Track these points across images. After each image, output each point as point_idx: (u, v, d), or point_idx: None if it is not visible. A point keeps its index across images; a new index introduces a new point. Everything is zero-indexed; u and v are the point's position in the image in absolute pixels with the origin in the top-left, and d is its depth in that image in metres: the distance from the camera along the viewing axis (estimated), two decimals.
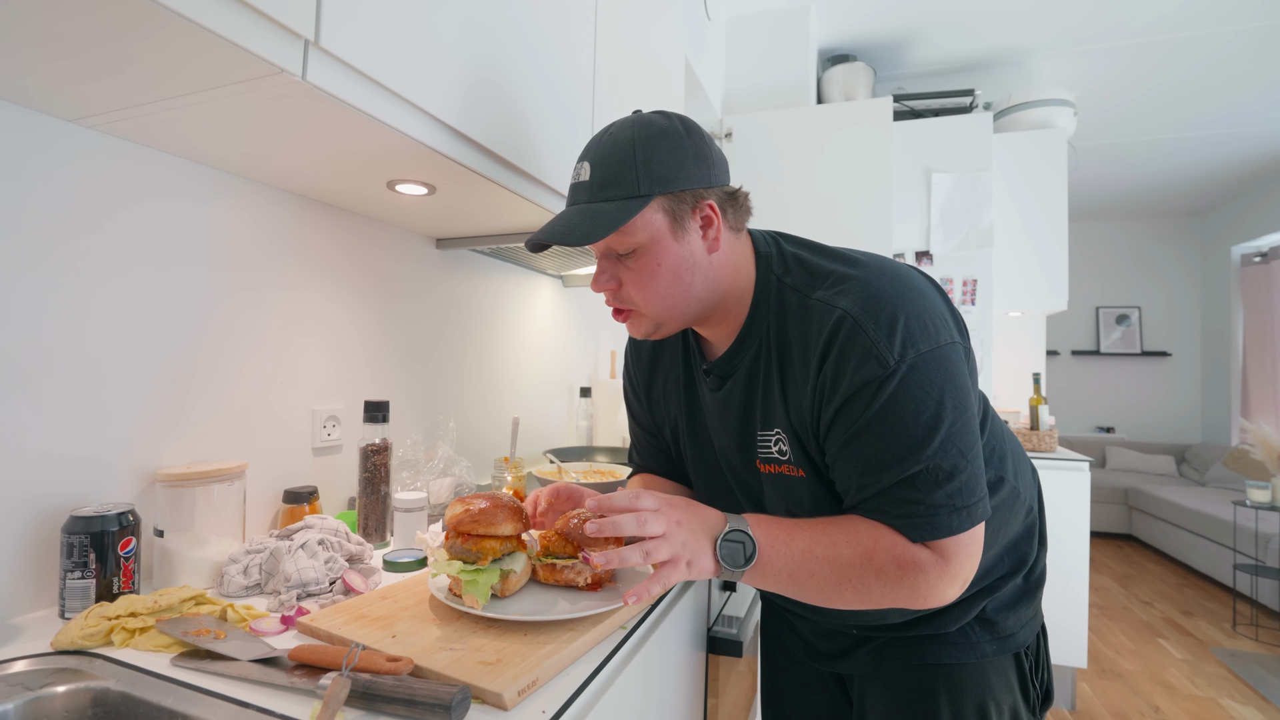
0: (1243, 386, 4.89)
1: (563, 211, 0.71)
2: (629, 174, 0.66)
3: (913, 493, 0.62)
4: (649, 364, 0.93)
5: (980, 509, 0.64)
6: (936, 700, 0.77)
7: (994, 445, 0.78)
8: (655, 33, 1.51)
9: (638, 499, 0.64)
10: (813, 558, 0.64)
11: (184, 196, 0.83)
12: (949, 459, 0.62)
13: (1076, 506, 2.37)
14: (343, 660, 0.52)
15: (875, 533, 0.64)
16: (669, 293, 0.70)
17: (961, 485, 0.62)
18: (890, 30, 2.79)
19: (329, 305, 1.07)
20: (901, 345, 0.62)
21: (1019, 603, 0.80)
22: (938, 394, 0.62)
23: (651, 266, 0.69)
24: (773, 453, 0.73)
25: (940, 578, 0.63)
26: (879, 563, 0.63)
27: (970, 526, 0.63)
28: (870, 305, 0.64)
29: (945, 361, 0.63)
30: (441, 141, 0.79)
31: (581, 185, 0.69)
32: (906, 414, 0.62)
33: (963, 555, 0.64)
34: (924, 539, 0.63)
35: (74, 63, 0.57)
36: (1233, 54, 2.86)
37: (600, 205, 0.67)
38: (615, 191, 0.66)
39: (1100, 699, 2.46)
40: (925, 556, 0.63)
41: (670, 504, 0.65)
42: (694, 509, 0.66)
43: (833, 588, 0.64)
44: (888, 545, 0.63)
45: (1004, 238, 2.75)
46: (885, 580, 0.63)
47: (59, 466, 0.71)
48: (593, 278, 0.74)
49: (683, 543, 0.62)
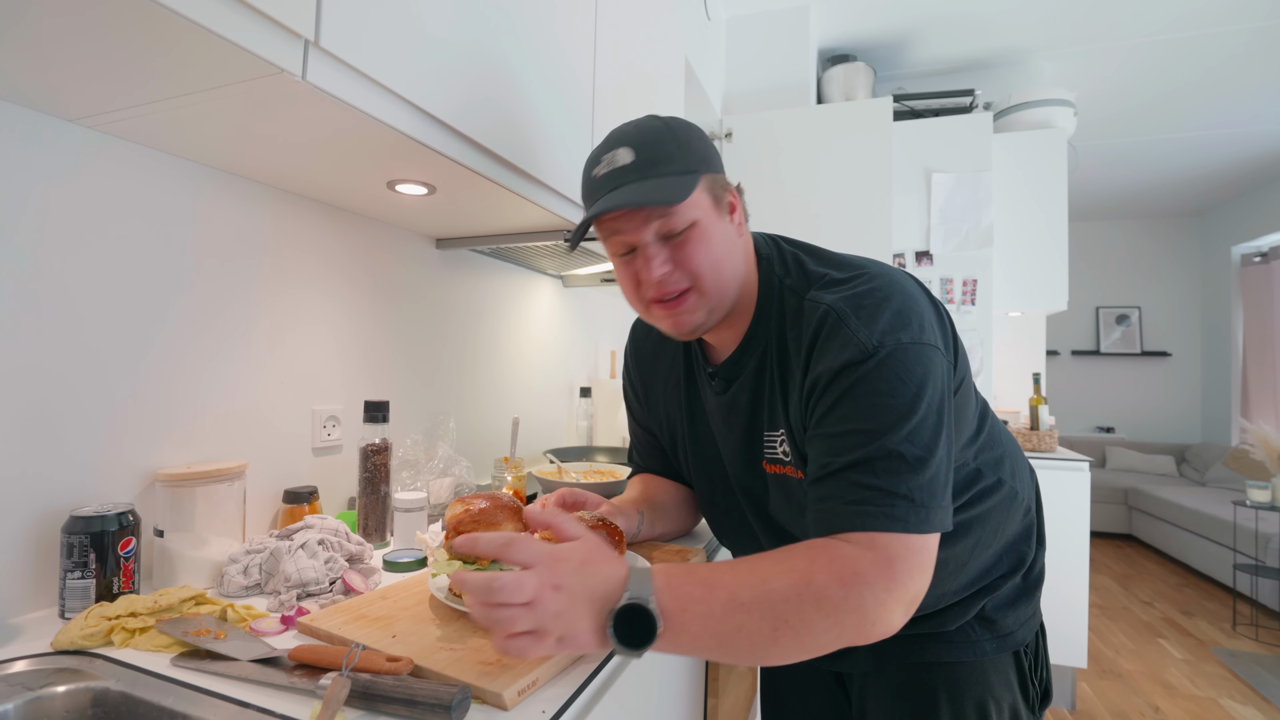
0: (1243, 386, 4.88)
1: (615, 191, 0.66)
2: (675, 152, 0.67)
3: (871, 478, 0.59)
4: (649, 367, 0.92)
5: (939, 518, 0.59)
6: (936, 699, 0.77)
7: (993, 446, 0.79)
8: (655, 33, 1.51)
9: (508, 547, 0.53)
10: (738, 607, 0.53)
11: (184, 196, 0.83)
12: (915, 450, 0.59)
13: (1076, 506, 2.37)
14: (343, 660, 0.52)
15: (811, 554, 0.57)
16: (724, 268, 0.69)
17: (924, 482, 0.58)
18: (890, 30, 2.79)
19: (329, 305, 1.07)
20: (882, 333, 0.62)
21: (1018, 601, 0.80)
22: (915, 384, 0.60)
23: (706, 241, 0.68)
24: (778, 453, 0.73)
25: (887, 590, 0.55)
26: (818, 586, 0.54)
27: (925, 530, 0.58)
28: (855, 300, 0.65)
29: (927, 359, 0.62)
30: (442, 141, 0.79)
31: (626, 167, 0.66)
32: (879, 394, 0.60)
33: (910, 564, 0.57)
34: (873, 528, 0.57)
35: (74, 63, 0.57)
36: (1233, 54, 2.86)
37: (658, 180, 0.65)
38: (667, 168, 0.66)
39: (1100, 699, 2.46)
40: (868, 565, 0.55)
41: (556, 559, 0.53)
42: (591, 569, 0.53)
43: (767, 637, 0.53)
44: (826, 563, 0.55)
45: (1004, 238, 2.75)
46: (826, 608, 0.53)
47: (59, 466, 0.71)
48: (635, 270, 0.70)
49: (554, 614, 0.50)
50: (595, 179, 0.69)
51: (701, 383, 0.83)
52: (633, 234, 0.68)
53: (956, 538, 0.74)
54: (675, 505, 0.95)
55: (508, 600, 0.50)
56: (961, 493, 0.74)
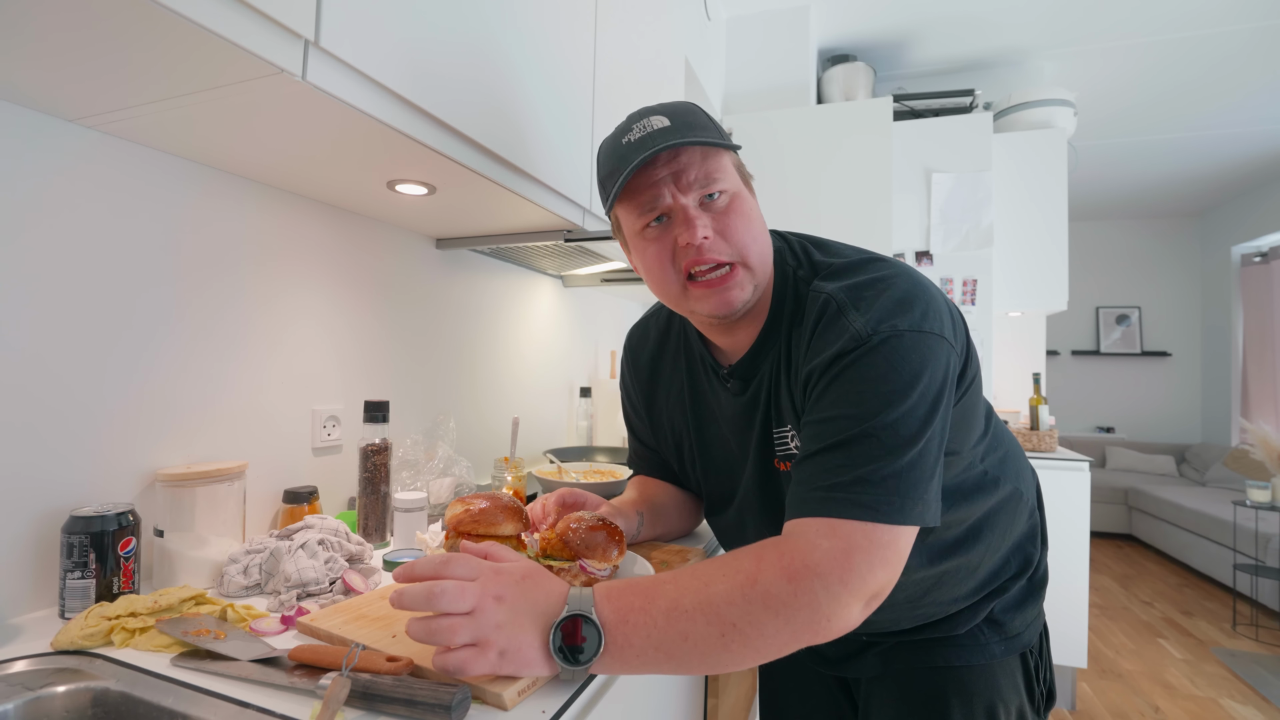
0: (1243, 386, 4.88)
1: (665, 144, 0.62)
2: (709, 123, 0.67)
3: (845, 462, 0.55)
4: (648, 379, 0.90)
5: (917, 511, 0.55)
6: (947, 703, 0.76)
7: (997, 446, 0.78)
8: (655, 33, 1.51)
9: (446, 565, 0.52)
10: (681, 614, 0.51)
11: (184, 196, 0.83)
12: (896, 437, 0.55)
13: (1076, 506, 2.37)
14: (343, 660, 0.52)
15: (759, 552, 0.54)
16: (764, 246, 0.68)
17: (901, 469, 0.55)
18: (890, 30, 2.79)
19: (329, 305, 1.07)
20: (878, 320, 0.60)
21: (1025, 603, 0.80)
22: (909, 372, 0.57)
23: (747, 215, 0.67)
24: (790, 449, 0.72)
25: (841, 583, 0.51)
26: (764, 585, 0.51)
27: (896, 521, 0.54)
28: (856, 290, 0.63)
29: (926, 347, 0.59)
30: (442, 141, 0.79)
31: (664, 129, 0.63)
32: (868, 381, 0.58)
33: (871, 556, 0.53)
34: (837, 514, 0.54)
35: (74, 63, 0.57)
36: (1233, 54, 2.86)
37: (701, 138, 0.64)
38: (705, 134, 0.65)
39: (1100, 699, 2.46)
40: (821, 556, 0.52)
41: (497, 575, 0.52)
42: (532, 583, 0.53)
43: (715, 644, 0.50)
44: (774, 559, 0.53)
45: (1004, 238, 2.75)
46: (775, 607, 0.50)
47: (59, 466, 0.71)
48: (683, 231, 0.64)
49: (496, 625, 0.49)
50: (627, 145, 0.65)
51: (710, 388, 0.81)
52: (673, 196, 0.64)
53: (968, 542, 0.73)
54: (675, 506, 0.94)
55: (448, 609, 0.49)
56: (971, 495, 0.73)
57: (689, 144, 0.63)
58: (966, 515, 0.73)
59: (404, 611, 0.66)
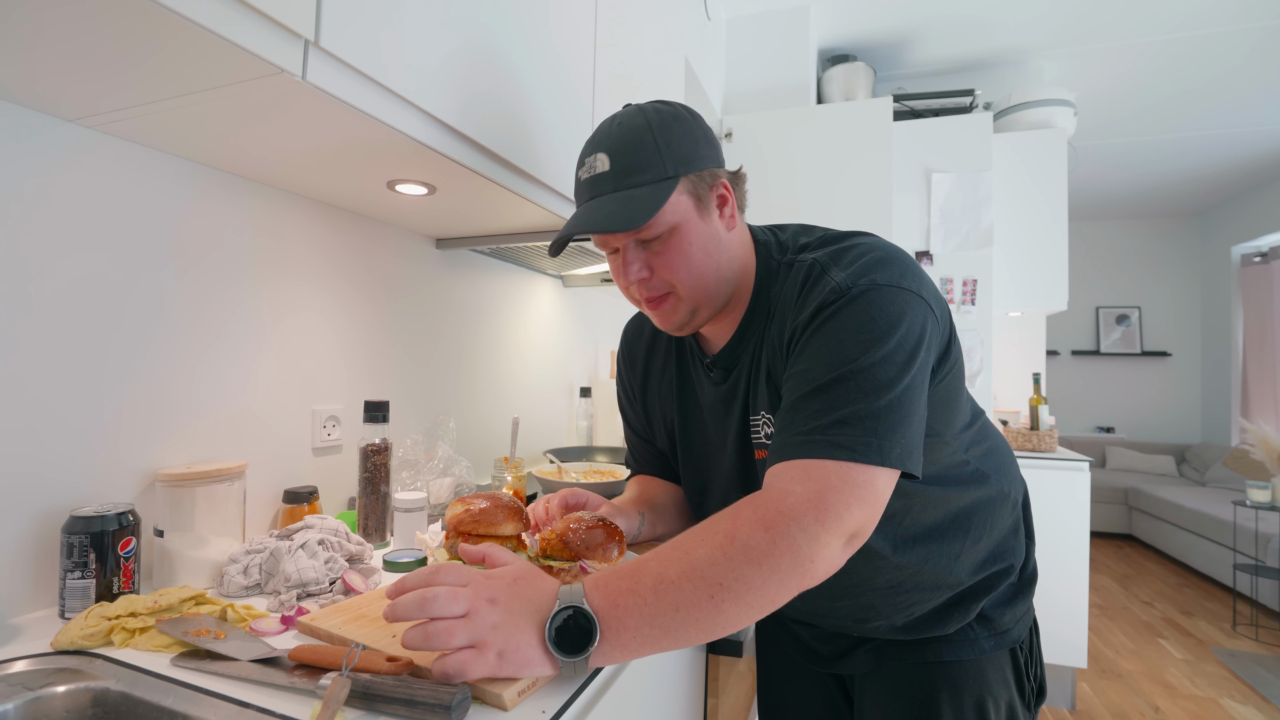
0: (1243, 386, 4.88)
1: (589, 204, 0.68)
2: (653, 158, 0.66)
3: (823, 404, 0.57)
4: (643, 369, 0.92)
5: (896, 453, 0.56)
6: (937, 698, 0.77)
7: (982, 439, 0.80)
8: (655, 33, 1.51)
9: (435, 574, 0.53)
10: (668, 585, 0.51)
11: (184, 196, 0.83)
12: (875, 379, 0.56)
13: (1076, 506, 2.36)
14: (343, 660, 0.52)
15: (735, 511, 0.55)
16: (704, 271, 0.70)
17: (879, 410, 0.56)
18: (890, 30, 2.79)
19: (330, 305, 1.07)
20: (856, 274, 0.62)
21: (1015, 599, 0.80)
22: (887, 322, 0.59)
23: (684, 246, 0.68)
24: (761, 437, 0.74)
25: (817, 522, 0.52)
26: (743, 539, 0.52)
27: (873, 461, 0.55)
28: (838, 253, 0.66)
29: (904, 302, 0.61)
30: (442, 141, 0.79)
31: (602, 176, 0.67)
32: (847, 329, 0.59)
33: (846, 495, 0.53)
34: (814, 455, 0.55)
35: (74, 63, 0.57)
36: (1233, 54, 2.86)
37: (631, 192, 0.66)
38: (643, 176, 0.66)
39: (1100, 699, 2.46)
40: (795, 501, 0.53)
41: (489, 578, 0.53)
42: (524, 584, 0.54)
43: (707, 608, 0.51)
44: (749, 513, 0.54)
45: (1004, 238, 2.75)
46: (756, 558, 0.51)
47: (59, 466, 0.71)
48: (619, 271, 0.71)
49: (492, 626, 0.50)
50: (579, 182, 0.71)
51: (697, 377, 0.83)
52: (612, 239, 0.70)
53: (949, 531, 0.75)
54: (675, 505, 0.94)
55: (442, 613, 0.49)
56: (953, 483, 0.75)
57: (614, 212, 0.65)
58: (947, 500, 0.74)
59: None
